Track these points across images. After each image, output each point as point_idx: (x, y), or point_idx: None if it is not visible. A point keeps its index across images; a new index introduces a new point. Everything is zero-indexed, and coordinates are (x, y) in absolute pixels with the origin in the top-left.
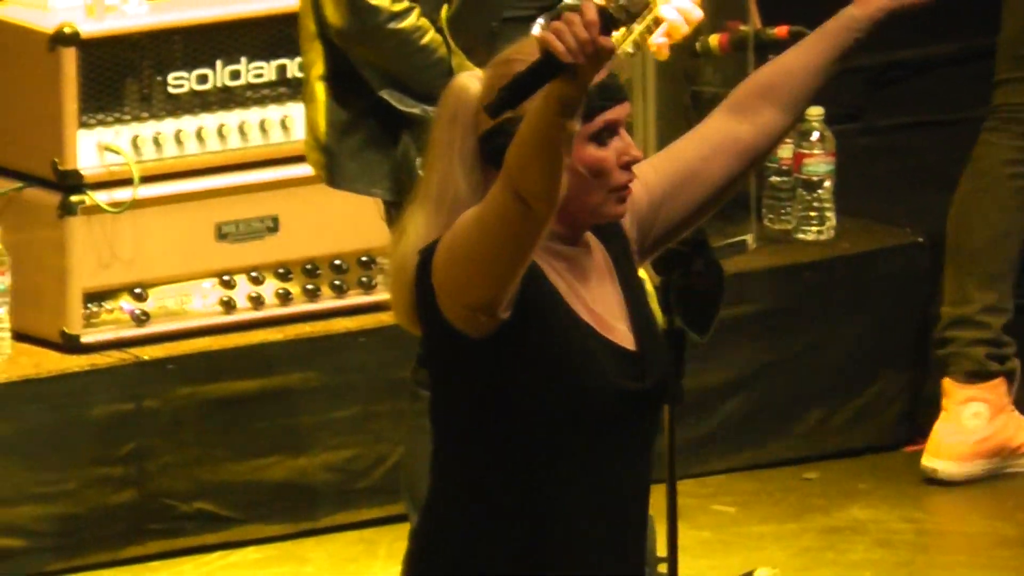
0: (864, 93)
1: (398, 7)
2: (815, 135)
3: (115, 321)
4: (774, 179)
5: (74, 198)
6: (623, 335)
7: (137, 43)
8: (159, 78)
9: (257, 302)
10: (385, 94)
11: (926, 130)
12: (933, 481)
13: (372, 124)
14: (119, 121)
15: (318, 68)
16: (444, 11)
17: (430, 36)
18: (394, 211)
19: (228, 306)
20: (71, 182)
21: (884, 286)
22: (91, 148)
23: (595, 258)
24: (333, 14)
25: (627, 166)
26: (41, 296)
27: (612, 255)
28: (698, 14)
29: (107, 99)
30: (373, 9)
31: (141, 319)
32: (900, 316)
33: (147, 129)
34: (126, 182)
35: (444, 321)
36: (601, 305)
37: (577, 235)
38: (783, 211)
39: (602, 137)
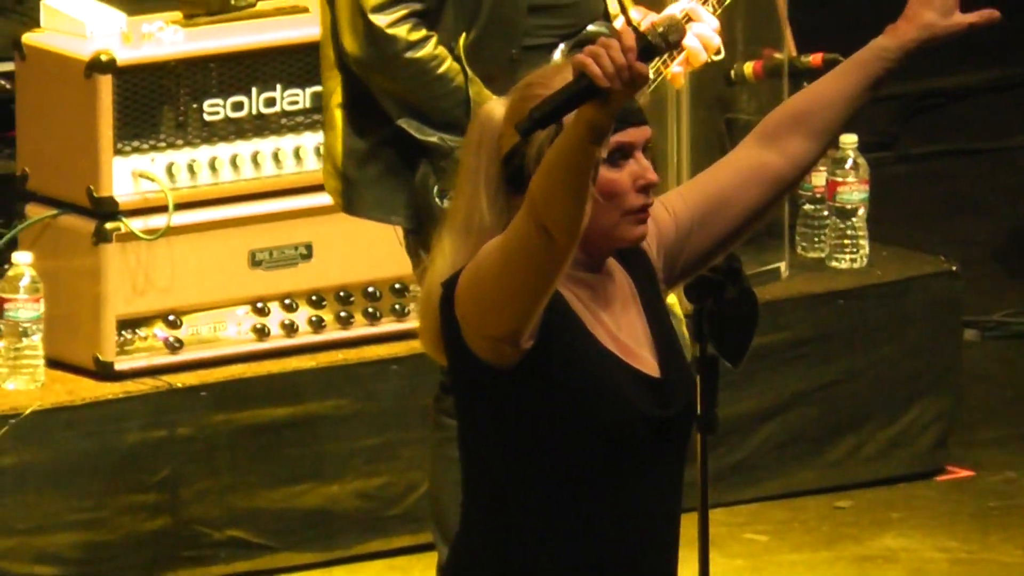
0: (899, 121)
1: (415, 36)
2: (849, 163)
3: (149, 348)
4: (807, 207)
5: (109, 225)
6: (647, 362)
7: (173, 70)
8: (194, 105)
9: (290, 329)
10: (403, 123)
11: (960, 158)
12: None
13: (390, 152)
14: (154, 148)
15: (337, 96)
16: (462, 39)
17: (447, 65)
18: (413, 238)
19: (261, 333)
20: (106, 209)
21: (917, 314)
22: (126, 175)
23: (619, 285)
24: (351, 43)
25: (643, 189)
26: (75, 323)
27: (636, 282)
28: (717, 41)
29: (142, 126)
30: (391, 38)
31: (175, 346)
32: (933, 344)
33: (182, 156)
34: (161, 209)
35: (469, 352)
36: (625, 332)
37: (598, 262)
38: (816, 239)
39: (615, 159)
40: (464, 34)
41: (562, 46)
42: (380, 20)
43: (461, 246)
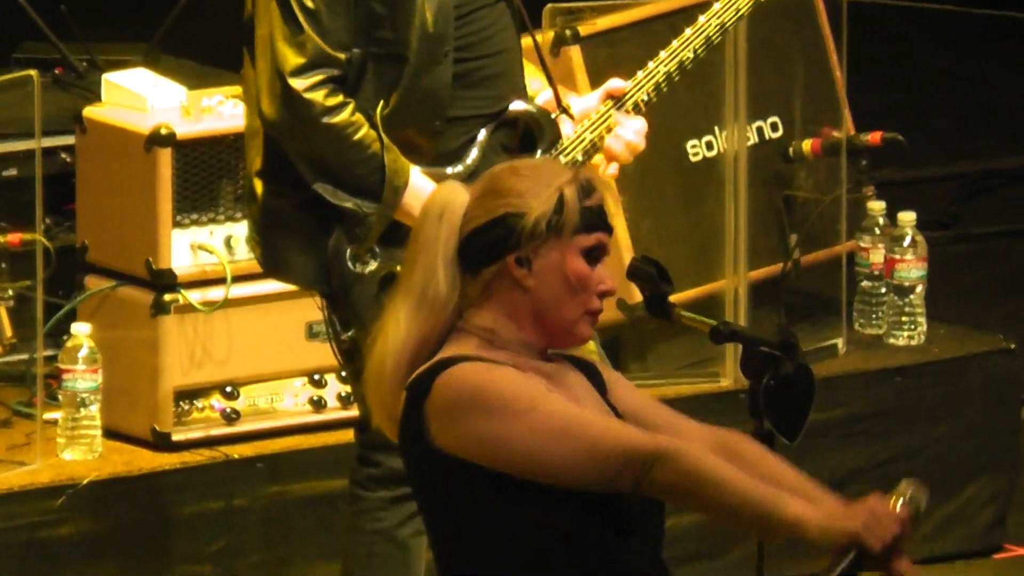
0: (958, 200)
1: (332, 101)
2: (907, 240)
3: (206, 419)
4: (865, 284)
5: (167, 297)
6: None
7: (232, 144)
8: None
9: (346, 401)
10: (319, 187)
11: (1019, 238)
12: None
13: (307, 217)
14: (213, 221)
15: (256, 163)
16: (379, 108)
17: (364, 132)
18: (330, 306)
19: (318, 405)
20: (165, 281)
21: (975, 392)
22: (185, 247)
23: (575, 376)
24: (268, 106)
25: (602, 295)
26: (133, 394)
27: (590, 379)
28: (643, 146)
29: (201, 199)
30: (307, 102)
31: (231, 417)
32: (991, 422)
33: (240, 229)
34: (219, 281)
35: (435, 446)
36: (590, 412)
37: (549, 354)
38: (874, 316)
39: (592, 255)
40: (382, 103)
41: (483, 131)
42: (298, 84)
43: (415, 315)
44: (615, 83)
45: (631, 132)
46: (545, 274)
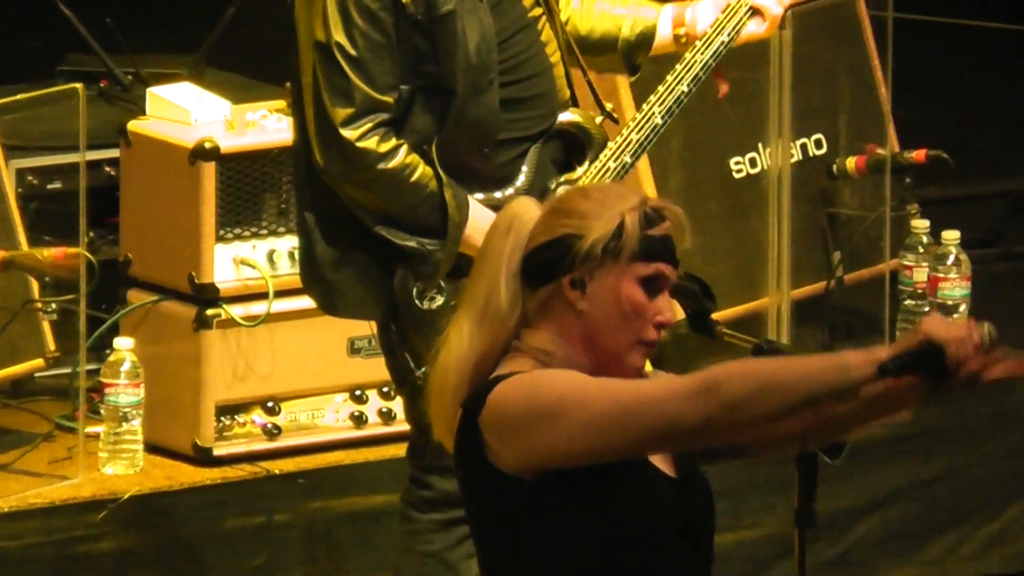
0: (1003, 218)
1: (385, 147)
2: (951, 259)
3: (247, 434)
4: (909, 302)
5: (210, 311)
6: (662, 461)
7: (276, 158)
8: (295, 195)
9: (388, 417)
10: (381, 230)
11: None
12: None
13: (365, 255)
14: (256, 235)
15: (307, 197)
16: (435, 144)
17: (420, 171)
18: (393, 330)
19: (359, 421)
20: (207, 295)
21: (1020, 412)
22: (227, 262)
23: None
24: (322, 158)
25: (659, 326)
26: (175, 408)
27: None
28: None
29: (245, 213)
30: (361, 151)
31: (273, 433)
32: None
33: (283, 244)
34: (261, 296)
35: (491, 465)
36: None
37: (601, 374)
38: None
39: (650, 285)
40: (435, 137)
41: (532, 149)
42: (349, 134)
43: (477, 328)
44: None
45: None
46: (598, 298)
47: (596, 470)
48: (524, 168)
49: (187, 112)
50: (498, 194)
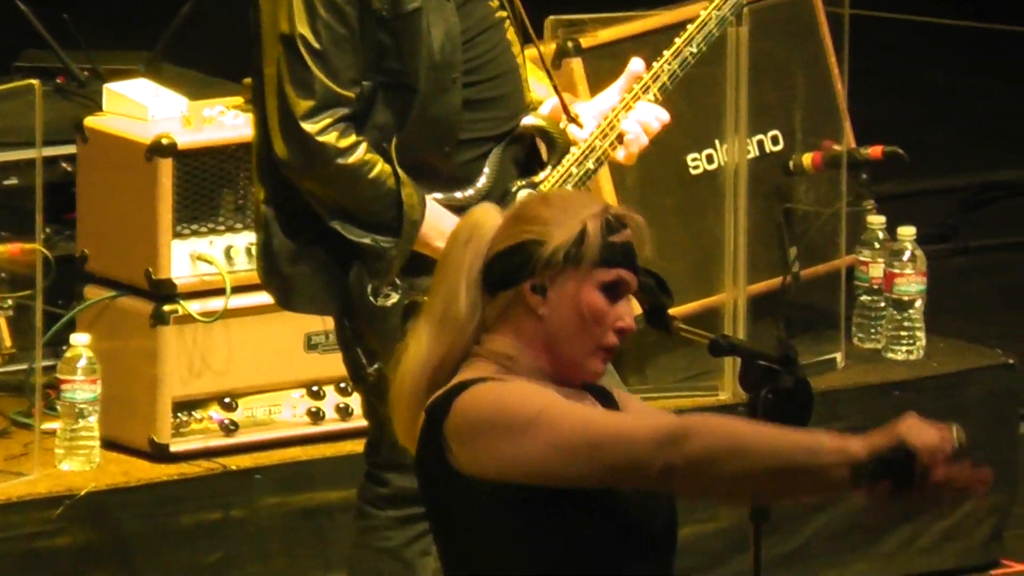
0: (958, 214)
1: (345, 142)
2: (907, 255)
3: (204, 430)
4: (864, 298)
5: (167, 307)
6: None
7: (233, 154)
8: (253, 189)
9: (345, 413)
10: (336, 224)
11: (1019, 252)
12: None
13: (321, 250)
14: (213, 231)
15: (264, 192)
16: (394, 141)
17: (379, 168)
18: (348, 326)
19: (316, 416)
20: (164, 291)
21: (974, 406)
22: (184, 258)
23: (589, 400)
24: (281, 149)
25: (620, 332)
26: (131, 404)
27: (606, 407)
28: (656, 126)
29: (202, 209)
30: (321, 145)
31: (230, 428)
32: (990, 437)
33: (240, 239)
34: (218, 292)
35: (453, 469)
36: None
37: (562, 380)
38: (873, 330)
39: (611, 291)
40: (395, 134)
41: (495, 150)
42: (310, 127)
43: (437, 337)
44: (636, 64)
45: (648, 115)
46: (559, 304)
47: None
48: (486, 169)
49: (144, 108)
50: (458, 194)
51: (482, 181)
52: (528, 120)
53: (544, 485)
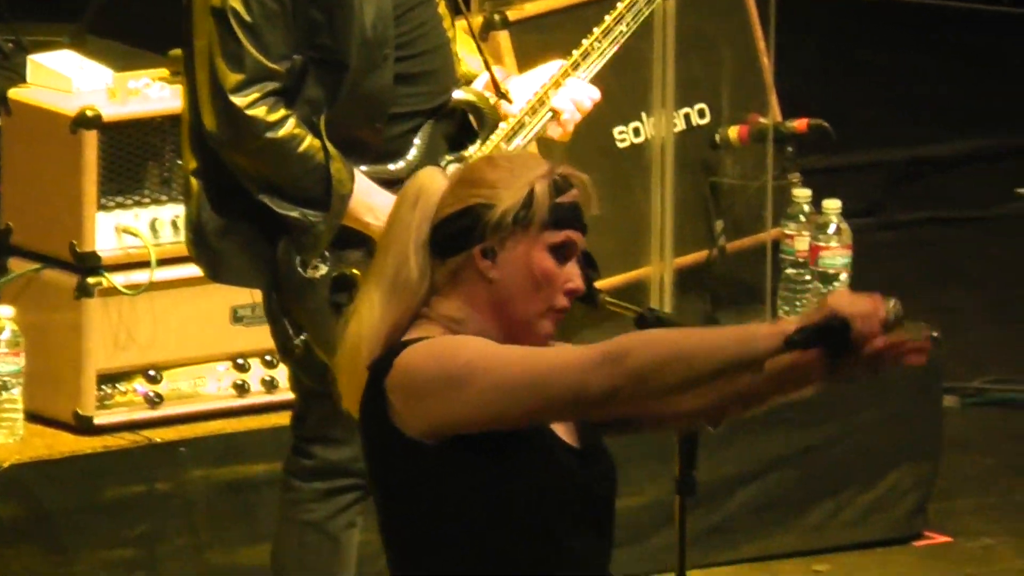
0: (883, 188)
1: (274, 116)
2: (832, 228)
3: (128, 403)
4: (790, 271)
5: (91, 280)
6: (566, 433)
7: (159, 127)
8: (179, 161)
9: (270, 386)
10: (264, 198)
11: (944, 226)
12: None
13: (249, 223)
14: (138, 204)
15: (193, 162)
16: (323, 116)
17: (307, 143)
18: (276, 299)
19: (241, 389)
20: (89, 264)
21: (898, 380)
22: (109, 230)
23: None
24: (210, 122)
25: (569, 293)
26: (55, 377)
27: None
28: (588, 105)
29: (127, 182)
30: (250, 119)
31: (154, 401)
32: (913, 410)
33: (166, 212)
34: (143, 265)
35: (395, 428)
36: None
37: (511, 342)
38: (798, 303)
39: (560, 253)
40: (325, 109)
41: (426, 125)
42: (239, 100)
43: (387, 300)
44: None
45: (580, 92)
46: (509, 267)
47: (500, 438)
48: (416, 142)
49: (68, 80)
50: (391, 166)
51: (412, 154)
52: (459, 95)
53: (488, 430)
